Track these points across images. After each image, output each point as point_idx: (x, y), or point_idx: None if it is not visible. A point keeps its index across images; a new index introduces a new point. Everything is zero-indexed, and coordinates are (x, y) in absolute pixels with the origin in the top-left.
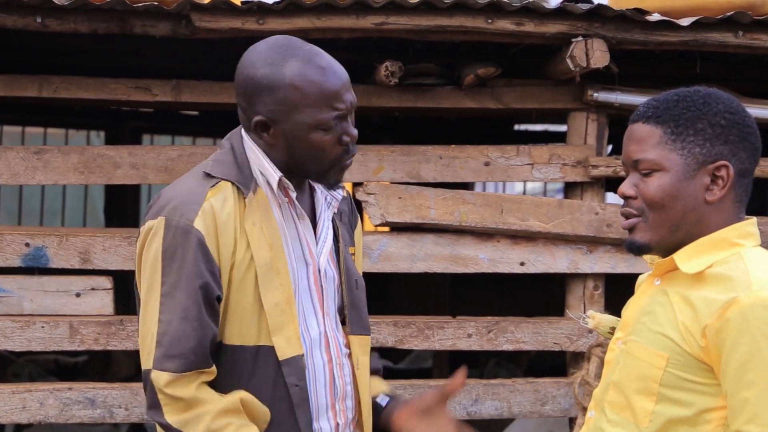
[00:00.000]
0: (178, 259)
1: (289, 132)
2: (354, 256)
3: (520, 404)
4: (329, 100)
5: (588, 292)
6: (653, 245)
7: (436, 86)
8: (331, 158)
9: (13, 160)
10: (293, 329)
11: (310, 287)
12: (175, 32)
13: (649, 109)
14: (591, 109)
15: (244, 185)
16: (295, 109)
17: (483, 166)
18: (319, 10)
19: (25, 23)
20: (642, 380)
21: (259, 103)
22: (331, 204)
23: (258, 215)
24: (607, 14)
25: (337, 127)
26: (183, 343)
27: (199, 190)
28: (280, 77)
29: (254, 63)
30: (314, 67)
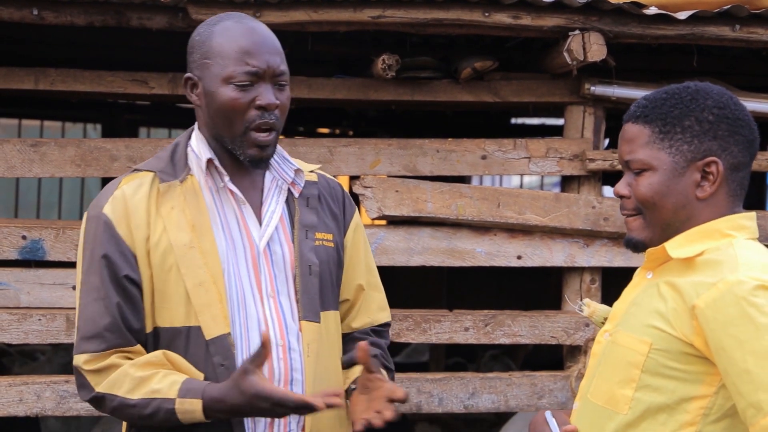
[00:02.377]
0: (89, 245)
1: (207, 87)
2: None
3: (516, 398)
4: (243, 56)
5: (585, 286)
6: (648, 242)
7: (433, 80)
8: (243, 121)
9: (10, 153)
10: (220, 308)
11: (248, 269)
12: (171, 25)
13: (638, 109)
14: (588, 102)
15: (170, 174)
16: (212, 62)
17: (480, 159)
18: (316, 3)
19: (22, 15)
20: (625, 368)
21: (191, 62)
22: (282, 187)
23: (180, 200)
24: (604, 8)
25: (253, 89)
26: (97, 322)
27: (116, 181)
28: (208, 34)
29: (198, 27)
30: (240, 26)
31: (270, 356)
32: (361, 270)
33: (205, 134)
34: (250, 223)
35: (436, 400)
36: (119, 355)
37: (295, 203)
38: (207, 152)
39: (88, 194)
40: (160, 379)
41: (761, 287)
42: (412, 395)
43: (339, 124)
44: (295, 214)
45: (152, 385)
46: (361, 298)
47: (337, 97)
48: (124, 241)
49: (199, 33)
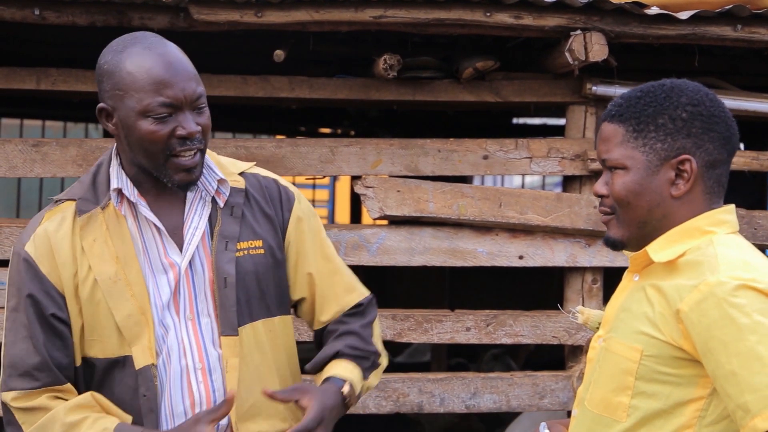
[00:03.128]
0: (15, 283)
1: (123, 119)
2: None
3: (518, 398)
4: (158, 87)
5: (587, 286)
6: (625, 241)
7: (435, 80)
8: (164, 150)
9: (12, 153)
10: (148, 338)
11: (170, 295)
12: (173, 25)
13: (614, 107)
14: (590, 102)
15: (91, 202)
16: (126, 95)
17: (481, 159)
18: (318, 3)
19: (24, 15)
20: (619, 376)
21: (103, 90)
22: (206, 200)
23: (101, 230)
24: (606, 8)
25: (171, 119)
26: (25, 360)
27: (39, 216)
28: (117, 62)
29: (104, 52)
30: (150, 54)
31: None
32: (309, 260)
33: (123, 160)
34: (168, 246)
35: (438, 400)
36: (49, 395)
37: (218, 214)
38: (115, 180)
39: None
40: (90, 425)
41: (742, 287)
42: (414, 395)
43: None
44: (216, 225)
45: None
46: (318, 290)
47: (338, 97)
48: (48, 280)
49: (107, 61)
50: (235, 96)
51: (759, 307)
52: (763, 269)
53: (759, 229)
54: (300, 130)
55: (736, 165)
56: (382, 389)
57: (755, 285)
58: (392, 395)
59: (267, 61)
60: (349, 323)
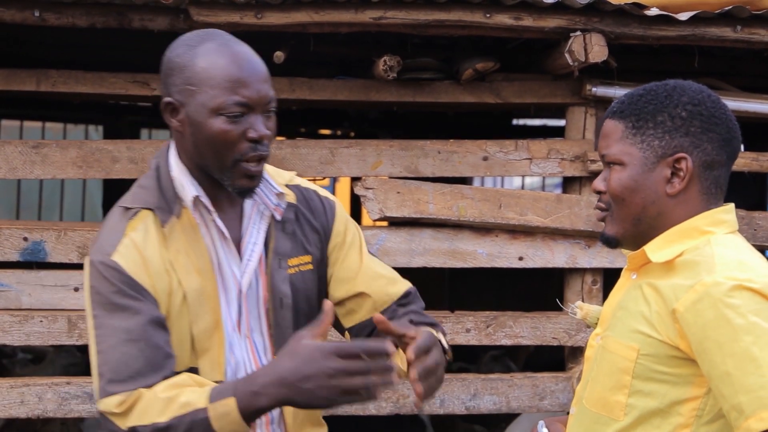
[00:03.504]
0: (105, 291)
1: (192, 116)
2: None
3: (518, 399)
4: (233, 85)
5: (586, 287)
6: (620, 238)
7: (435, 81)
8: (233, 153)
9: (12, 154)
10: (217, 354)
11: (235, 311)
12: (173, 26)
13: (616, 105)
14: (589, 103)
15: (166, 210)
16: (198, 90)
17: (481, 160)
18: (318, 4)
19: (24, 17)
20: (616, 374)
21: (171, 84)
22: (264, 213)
23: (183, 240)
24: (606, 9)
25: (243, 120)
26: (131, 365)
27: (119, 227)
28: (191, 57)
29: (174, 45)
30: (226, 51)
31: None
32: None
33: (185, 162)
34: (231, 259)
35: (438, 401)
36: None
37: (272, 229)
38: (191, 187)
39: (89, 196)
40: (189, 393)
41: (737, 287)
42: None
43: (340, 126)
44: (270, 241)
45: (181, 400)
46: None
47: (338, 99)
48: (146, 289)
49: (179, 54)
50: None
51: (754, 307)
52: (760, 269)
53: (759, 230)
54: (300, 131)
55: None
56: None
57: (751, 285)
58: (392, 396)
59: (267, 62)
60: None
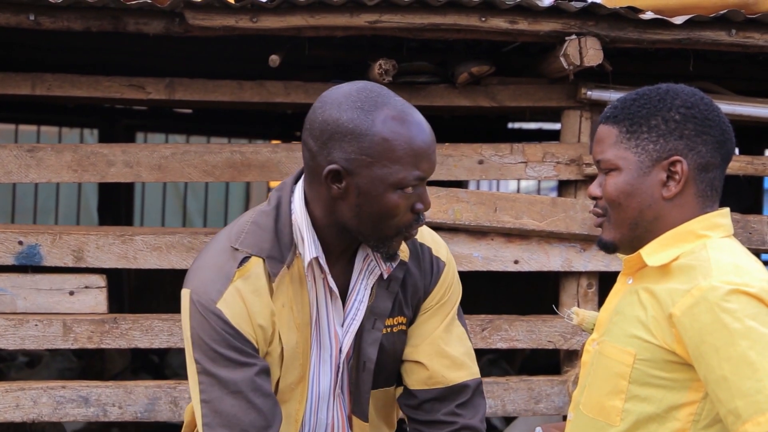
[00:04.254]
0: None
1: (364, 187)
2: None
3: (513, 402)
4: (416, 160)
5: (582, 291)
6: (617, 243)
7: (430, 84)
8: (399, 224)
9: (6, 158)
10: (296, 410)
11: (330, 369)
12: (168, 30)
13: (609, 110)
14: (585, 107)
15: (278, 260)
16: (378, 163)
17: (477, 164)
18: (313, 8)
19: (18, 21)
20: (612, 379)
21: (338, 149)
22: (374, 271)
23: (289, 293)
24: (601, 12)
25: (415, 191)
26: (241, 418)
27: (226, 270)
28: (369, 125)
29: (341, 105)
30: (407, 121)
31: None
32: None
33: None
34: (335, 317)
35: None
36: None
37: (375, 286)
38: (311, 246)
39: (84, 199)
40: None
41: (734, 291)
42: None
43: None
44: (370, 299)
45: None
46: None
47: None
48: (248, 340)
49: (351, 120)
50: (231, 101)
51: (751, 312)
52: (756, 273)
53: (754, 233)
54: (295, 135)
55: (731, 169)
56: None
57: (747, 289)
58: None
59: (263, 66)
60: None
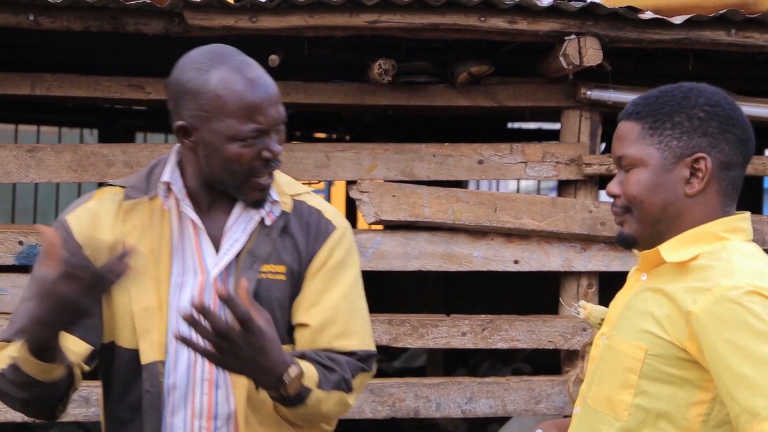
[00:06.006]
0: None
1: (207, 140)
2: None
3: (514, 402)
4: (250, 113)
5: (582, 291)
6: (638, 238)
7: (430, 84)
8: (246, 172)
9: (6, 159)
10: (159, 335)
11: (192, 298)
12: (168, 30)
13: (631, 106)
14: (584, 107)
15: (140, 191)
16: (214, 117)
17: (476, 164)
18: (313, 8)
19: (18, 21)
20: (622, 373)
21: (183, 108)
22: (254, 218)
23: (143, 219)
24: (600, 12)
25: (258, 141)
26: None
27: (89, 194)
28: (203, 83)
29: (183, 67)
30: (240, 77)
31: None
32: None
33: (190, 169)
34: (206, 250)
35: (434, 405)
36: None
37: (256, 233)
38: (167, 175)
39: None
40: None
41: (755, 293)
42: (410, 400)
43: (335, 129)
44: (249, 242)
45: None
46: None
47: (333, 102)
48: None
49: (190, 79)
50: None
51: None
52: None
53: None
54: (295, 134)
55: None
56: (378, 394)
57: None
58: (388, 400)
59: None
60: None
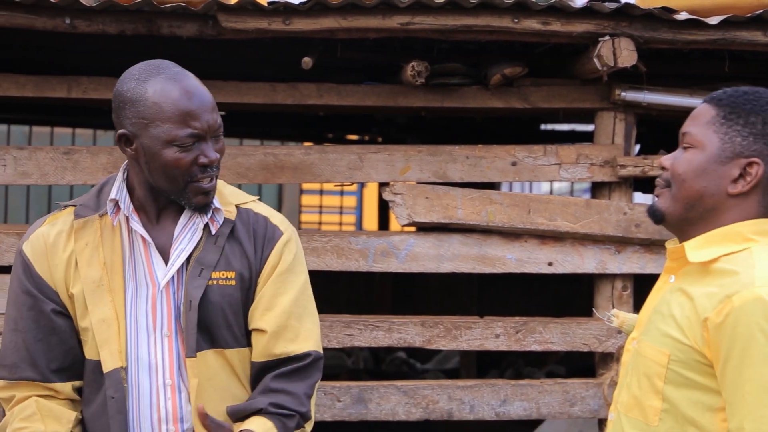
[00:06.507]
0: (13, 280)
1: (146, 146)
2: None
3: (548, 405)
4: (185, 118)
5: (616, 293)
6: (668, 215)
7: (463, 86)
8: (186, 177)
9: (43, 161)
10: (117, 344)
11: (147, 309)
12: (202, 33)
13: (717, 92)
14: (619, 108)
15: (90, 209)
16: (151, 124)
17: (510, 165)
18: (346, 10)
19: (55, 24)
20: (648, 378)
21: (124, 117)
22: (198, 226)
23: (95, 236)
24: (635, 13)
25: (195, 147)
26: (13, 354)
27: (42, 219)
28: (141, 92)
29: (123, 79)
30: (175, 85)
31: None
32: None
33: (135, 180)
34: (155, 262)
35: (468, 407)
36: (29, 389)
37: (203, 241)
38: (115, 192)
39: None
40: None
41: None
42: (444, 402)
43: (368, 131)
44: (196, 251)
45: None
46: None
47: (366, 104)
48: (42, 279)
49: (129, 89)
50: (264, 103)
51: None
52: None
53: None
54: (327, 136)
55: None
56: (412, 396)
57: None
58: (422, 402)
59: (295, 68)
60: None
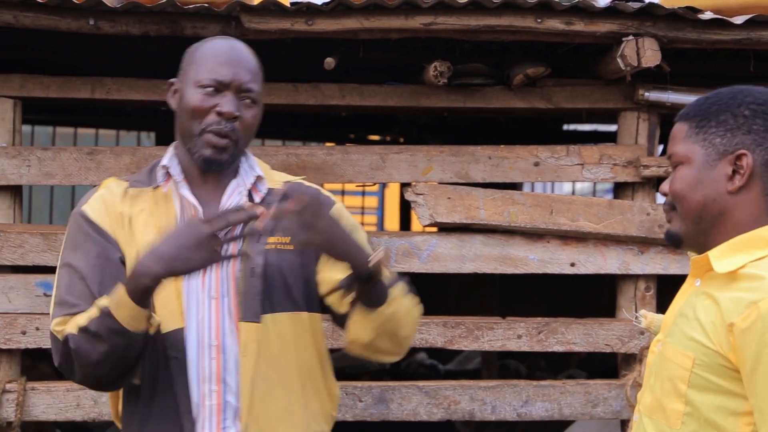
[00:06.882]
0: (75, 238)
1: (181, 90)
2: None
3: (570, 406)
4: (214, 65)
5: (639, 294)
6: (682, 235)
7: (485, 86)
8: (201, 123)
9: (67, 161)
10: (176, 305)
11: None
12: (225, 34)
13: (684, 109)
14: (642, 108)
15: (143, 183)
16: (188, 66)
17: (532, 166)
18: (368, 10)
19: (79, 26)
20: (672, 381)
21: (179, 69)
22: (243, 194)
23: (150, 204)
24: (659, 13)
25: (218, 96)
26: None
27: (94, 189)
28: (197, 47)
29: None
30: (224, 43)
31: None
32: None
33: (180, 152)
34: None
35: (489, 407)
36: None
37: None
38: (166, 159)
39: None
40: (102, 299)
41: None
42: (465, 402)
43: (390, 131)
44: None
45: (96, 305)
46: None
47: (389, 104)
48: (106, 232)
49: (192, 47)
50: (287, 103)
51: None
52: None
53: None
54: (349, 137)
55: None
56: (434, 396)
57: None
58: (443, 402)
59: (317, 68)
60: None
